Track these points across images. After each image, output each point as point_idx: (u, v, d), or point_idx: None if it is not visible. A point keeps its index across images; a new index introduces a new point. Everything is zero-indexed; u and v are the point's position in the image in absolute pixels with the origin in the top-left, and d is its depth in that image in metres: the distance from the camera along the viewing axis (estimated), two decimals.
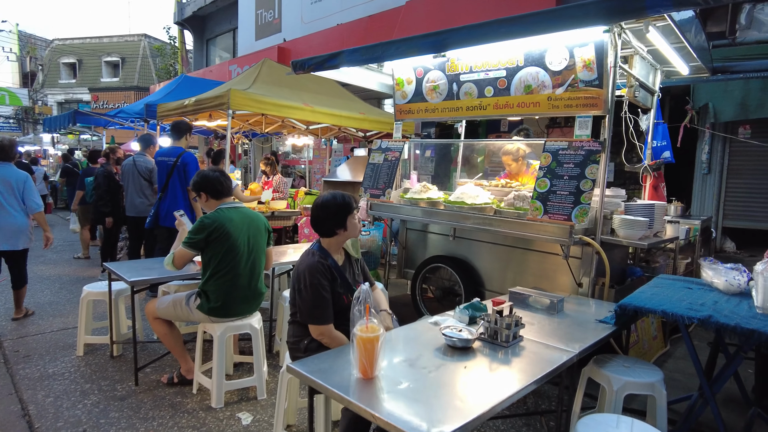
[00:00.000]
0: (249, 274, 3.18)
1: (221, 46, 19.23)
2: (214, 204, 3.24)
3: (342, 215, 2.50)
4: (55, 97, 30.60)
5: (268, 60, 7.10)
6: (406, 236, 4.85)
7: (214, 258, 3.07)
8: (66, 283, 6.16)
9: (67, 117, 8.74)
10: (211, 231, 3.04)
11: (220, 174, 3.30)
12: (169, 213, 5.19)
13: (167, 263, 3.11)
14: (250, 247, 3.20)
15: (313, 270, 2.41)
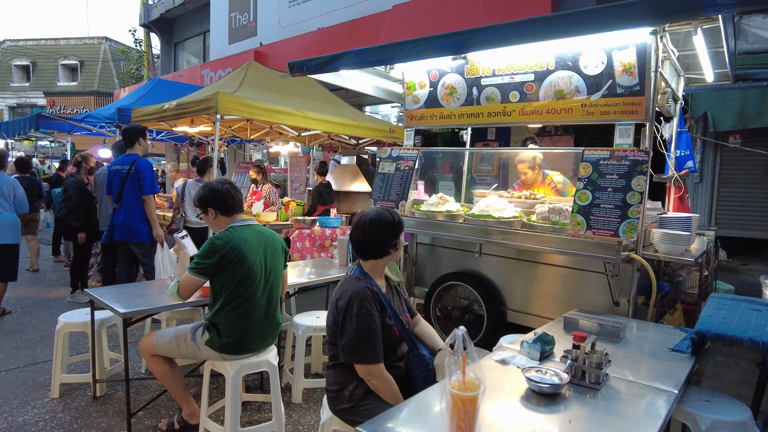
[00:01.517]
0: (266, 303, 2.76)
1: (190, 50, 18.51)
2: (224, 222, 2.80)
3: (396, 234, 2.21)
4: (6, 101, 28.91)
5: (254, 62, 6.66)
6: (416, 251, 4.51)
7: (227, 286, 2.63)
8: (29, 306, 5.51)
9: (28, 121, 8.00)
10: (223, 254, 2.61)
11: (231, 186, 2.87)
12: (124, 225, 4.66)
13: (171, 294, 2.66)
14: (267, 271, 2.78)
15: (362, 297, 2.05)
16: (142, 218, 4.61)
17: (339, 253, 4.17)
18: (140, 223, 4.61)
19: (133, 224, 4.59)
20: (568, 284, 3.66)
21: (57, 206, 5.96)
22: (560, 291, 3.71)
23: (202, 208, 2.79)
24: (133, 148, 4.73)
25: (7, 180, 5.21)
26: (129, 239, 4.63)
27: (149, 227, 4.65)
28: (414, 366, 2.24)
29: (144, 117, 6.30)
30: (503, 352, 2.23)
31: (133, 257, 4.81)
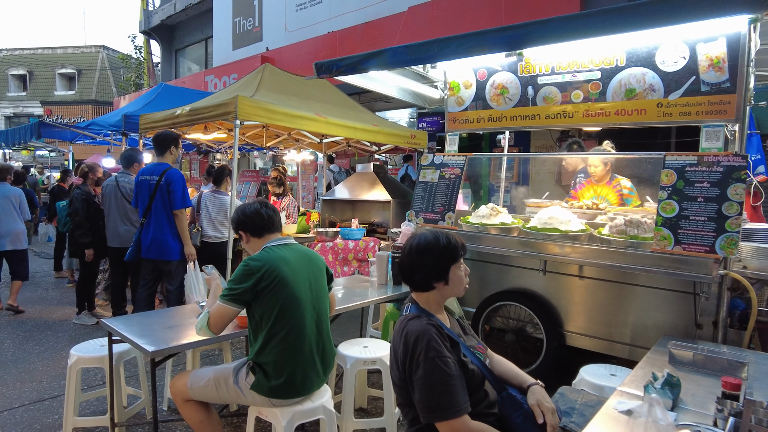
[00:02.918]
0: (316, 332, 2.37)
1: (192, 57, 18.17)
2: (258, 244, 2.44)
3: (445, 264, 1.85)
4: (3, 110, 28.47)
5: (270, 65, 6.29)
6: None
7: (268, 315, 2.24)
8: (31, 329, 5.07)
9: (29, 129, 7.58)
10: (260, 277, 2.22)
11: (261, 205, 2.51)
12: (154, 242, 4.30)
13: (200, 328, 2.27)
14: (313, 294, 2.39)
15: (428, 337, 1.70)
16: (173, 234, 4.23)
17: (378, 271, 3.77)
18: (171, 239, 4.25)
19: (163, 240, 4.22)
20: (639, 304, 3.27)
21: (62, 220, 5.54)
22: (629, 312, 3.32)
23: (235, 232, 2.55)
24: (163, 156, 4.36)
25: (12, 190, 5.71)
26: (158, 257, 4.25)
27: (180, 244, 4.26)
28: (507, 410, 1.85)
29: (153, 124, 5.90)
30: (624, 401, 1.83)
31: (158, 277, 4.42)
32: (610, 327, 3.44)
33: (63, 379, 3.76)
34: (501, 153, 5.04)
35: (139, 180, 4.44)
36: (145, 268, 4.49)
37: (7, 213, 5.50)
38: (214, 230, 4.77)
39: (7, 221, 5.49)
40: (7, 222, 5.49)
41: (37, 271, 7.78)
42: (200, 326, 2.27)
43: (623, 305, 3.35)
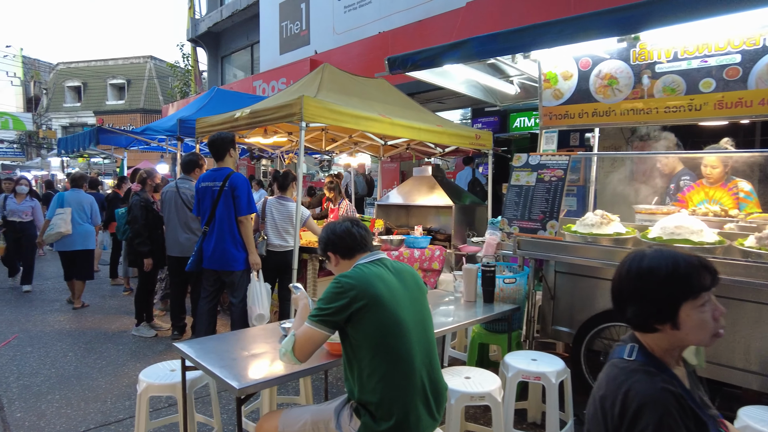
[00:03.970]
0: (427, 362, 2.00)
1: (237, 63, 18.30)
2: (348, 266, 2.11)
3: (671, 298, 1.29)
4: (59, 120, 29.69)
5: (329, 66, 5.98)
6: (556, 282, 3.65)
7: (367, 342, 1.88)
8: (92, 340, 4.92)
9: (88, 135, 7.60)
10: (354, 296, 1.88)
11: (351, 223, 2.17)
12: (217, 252, 4.04)
13: (284, 353, 1.94)
14: (417, 316, 2.03)
15: (665, 413, 1.18)
16: (238, 243, 3.98)
17: (465, 287, 3.37)
18: (235, 248, 3.99)
19: (226, 250, 3.97)
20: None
21: (121, 228, 5.41)
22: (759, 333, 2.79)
23: (322, 253, 2.21)
24: (223, 161, 4.11)
25: (86, 197, 6.36)
26: (221, 267, 4.01)
27: (245, 253, 4.00)
28: None
29: (210, 127, 5.69)
30: None
31: (220, 289, 4.17)
32: (745, 355, 2.92)
33: (127, 400, 3.54)
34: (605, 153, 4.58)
35: (200, 186, 4.20)
36: (206, 279, 4.25)
37: (80, 216, 6.13)
38: (279, 238, 4.48)
39: (79, 224, 6.12)
40: (79, 224, 6.11)
41: (94, 281, 7.75)
42: (284, 351, 1.95)
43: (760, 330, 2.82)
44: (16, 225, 6.95)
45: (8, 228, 6.98)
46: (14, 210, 6.92)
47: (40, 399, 3.59)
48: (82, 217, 6.19)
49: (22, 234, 6.95)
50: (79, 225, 6.12)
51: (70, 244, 6.05)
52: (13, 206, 6.94)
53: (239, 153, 9.34)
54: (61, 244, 6.06)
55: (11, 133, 29.99)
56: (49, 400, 3.56)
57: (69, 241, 6.04)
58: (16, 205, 6.96)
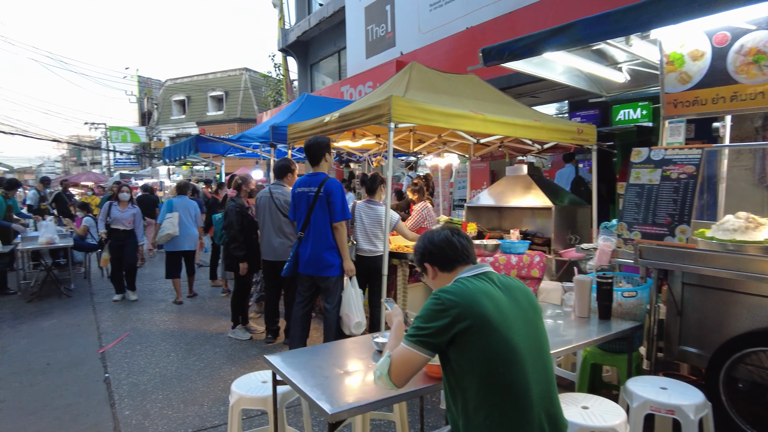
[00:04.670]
0: (546, 395, 1.70)
1: (325, 70, 18.75)
2: (447, 279, 1.86)
3: None
4: (167, 132, 32.39)
5: (417, 64, 5.78)
6: (683, 295, 3.14)
7: (473, 369, 1.62)
8: (192, 342, 5.12)
9: (187, 144, 8.10)
10: (457, 315, 1.62)
11: (451, 232, 1.92)
12: (312, 257, 3.99)
13: (379, 376, 1.74)
14: (532, 340, 1.73)
15: None
16: (333, 248, 3.93)
17: (578, 301, 2.99)
18: (330, 254, 3.94)
19: (322, 255, 3.94)
20: None
21: (218, 233, 5.62)
22: None
23: (418, 264, 1.97)
24: (318, 165, 4.09)
25: (190, 202, 7.09)
26: (316, 273, 3.99)
27: (340, 259, 3.95)
28: None
29: (301, 133, 5.73)
30: None
31: (314, 294, 4.14)
32: None
33: (222, 405, 3.57)
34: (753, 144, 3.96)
35: (296, 192, 4.20)
36: (301, 284, 4.22)
37: (187, 220, 6.81)
38: (368, 243, 4.35)
39: (187, 227, 6.79)
40: (187, 227, 6.79)
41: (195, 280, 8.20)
42: (379, 374, 1.74)
43: None
44: (120, 233, 6.84)
45: (112, 236, 6.85)
46: (118, 218, 6.82)
47: (146, 398, 3.73)
48: (188, 220, 6.85)
49: (125, 243, 6.88)
50: (185, 228, 6.78)
51: (179, 244, 6.75)
52: (117, 214, 6.83)
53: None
54: (170, 245, 6.73)
55: (129, 145, 33.31)
56: (152, 400, 3.69)
57: (177, 242, 6.71)
58: (120, 213, 6.85)
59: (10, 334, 5.47)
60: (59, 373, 4.31)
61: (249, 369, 4.27)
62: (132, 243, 6.98)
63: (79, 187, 19.86)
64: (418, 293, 5.08)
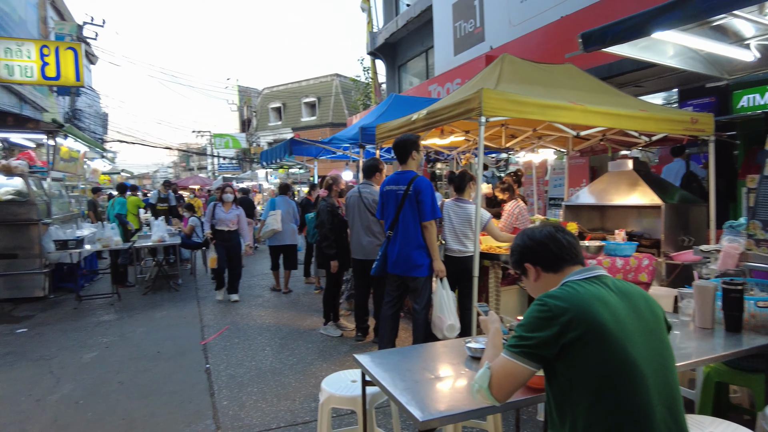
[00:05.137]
0: (670, 418, 1.47)
1: (413, 71, 18.77)
2: (553, 281, 1.67)
3: None
4: (265, 138, 34.32)
5: (509, 55, 5.53)
6: None
7: (585, 384, 1.43)
8: (286, 336, 5.29)
9: (282, 147, 8.50)
10: (566, 323, 1.44)
11: (554, 228, 1.73)
12: (401, 257, 3.93)
13: (479, 390, 1.59)
14: (656, 357, 1.50)
15: None
16: (422, 248, 3.87)
17: (699, 310, 2.62)
18: (419, 254, 3.89)
19: (410, 255, 3.90)
20: None
21: (311, 231, 5.79)
22: None
23: (516, 265, 1.78)
24: (406, 164, 4.06)
25: (290, 201, 7.85)
26: (404, 272, 3.95)
27: (429, 259, 3.87)
28: None
29: (389, 132, 5.71)
30: None
31: (403, 294, 4.10)
32: None
33: (313, 401, 3.62)
34: None
35: (384, 190, 4.17)
36: (390, 283, 4.19)
37: (288, 217, 7.49)
38: (458, 243, 4.20)
39: (287, 223, 7.46)
40: (287, 224, 7.45)
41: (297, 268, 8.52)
42: (478, 387, 1.60)
43: None
44: (225, 234, 6.90)
45: (217, 237, 6.92)
46: (222, 219, 6.88)
47: (242, 390, 3.89)
48: (289, 217, 7.52)
49: (229, 243, 6.94)
50: (287, 224, 7.47)
51: (281, 239, 7.51)
52: (221, 215, 6.90)
53: None
54: (273, 240, 7.55)
55: (231, 151, 35.82)
56: (248, 393, 3.84)
57: (280, 237, 7.48)
58: (224, 213, 6.91)
59: (129, 323, 6.03)
60: (168, 361, 4.65)
61: (339, 366, 4.31)
62: (236, 243, 7.02)
63: (187, 190, 21.64)
64: (511, 297, 4.83)
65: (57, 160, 8.81)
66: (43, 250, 7.07)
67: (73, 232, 7.52)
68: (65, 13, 21.85)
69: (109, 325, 5.97)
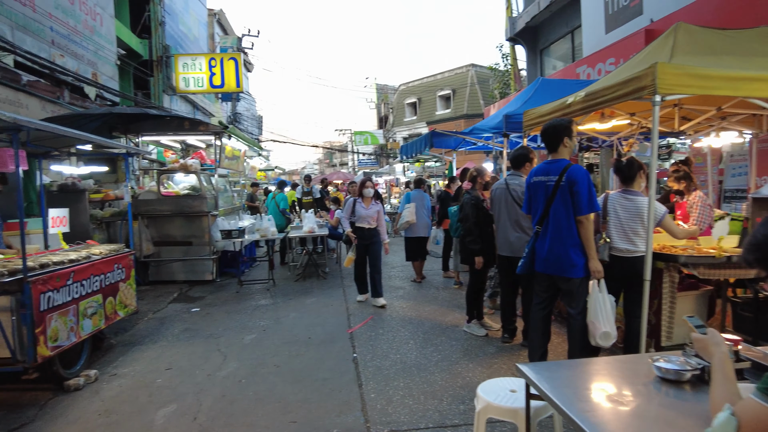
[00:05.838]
0: None
1: (556, 54, 17.53)
2: None
3: None
4: (401, 133, 35.01)
5: (683, 24, 4.74)
6: None
7: None
8: (428, 331, 5.22)
9: (423, 140, 8.49)
10: None
11: None
12: (551, 255, 3.58)
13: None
14: None
15: None
16: (576, 245, 3.49)
17: None
18: (573, 252, 3.52)
19: (562, 253, 3.54)
20: None
21: (453, 225, 5.63)
22: None
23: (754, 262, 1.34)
24: (557, 152, 3.69)
25: (424, 195, 8.07)
26: (556, 272, 3.61)
27: (585, 258, 3.48)
28: None
29: (539, 118, 5.29)
30: None
31: (554, 296, 3.75)
32: None
33: (462, 403, 3.46)
34: None
35: (531, 182, 3.83)
36: (539, 284, 3.85)
37: (421, 210, 7.69)
38: (626, 241, 3.69)
39: (421, 216, 7.68)
40: (421, 216, 7.68)
41: (428, 270, 8.47)
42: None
43: None
44: (365, 232, 6.35)
45: (357, 235, 6.41)
46: (363, 216, 6.34)
47: (389, 384, 3.88)
48: (423, 211, 7.71)
49: (370, 242, 6.39)
50: (421, 217, 7.69)
51: (415, 231, 7.73)
52: (362, 211, 6.35)
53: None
54: (408, 232, 7.78)
55: (370, 147, 37.27)
56: (395, 387, 3.82)
57: (414, 229, 7.70)
58: (365, 210, 6.35)
59: (283, 308, 6.48)
60: (318, 347, 4.86)
61: (487, 368, 4.10)
62: (377, 242, 6.44)
63: (331, 184, 23.03)
64: (688, 305, 4.18)
65: (223, 159, 9.86)
66: (211, 239, 7.96)
67: (235, 222, 8.35)
68: (228, 28, 24.52)
69: (265, 309, 6.48)
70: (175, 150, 12.57)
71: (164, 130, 9.28)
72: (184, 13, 18.40)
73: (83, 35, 10.80)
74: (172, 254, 8.10)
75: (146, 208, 8.02)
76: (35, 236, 4.94)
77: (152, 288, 7.79)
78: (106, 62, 12.09)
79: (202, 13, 21.14)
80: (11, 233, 4.67)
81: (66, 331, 3.96)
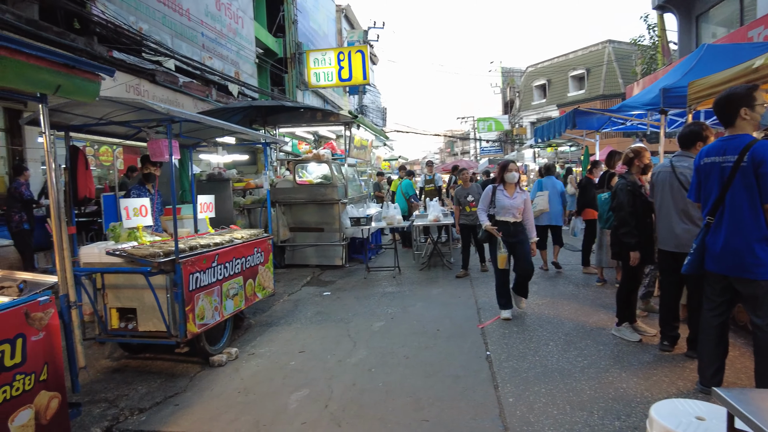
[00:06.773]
0: None
1: (717, 19, 15.11)
2: None
3: None
4: (528, 117, 33.30)
5: None
6: None
7: None
8: (570, 332, 4.71)
9: (564, 119, 7.79)
10: None
11: None
12: (727, 251, 2.96)
13: None
14: None
15: None
16: (763, 240, 2.83)
17: None
18: (760, 247, 2.87)
19: (743, 248, 2.90)
20: None
21: (603, 216, 5.00)
22: None
23: None
24: (734, 126, 3.03)
25: (557, 182, 7.81)
26: (733, 272, 2.98)
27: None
28: None
29: (711, 89, 4.47)
30: None
31: (731, 300, 3.10)
32: None
33: (616, 419, 3.01)
34: None
35: (701, 163, 3.19)
36: (711, 285, 3.21)
37: (554, 198, 7.51)
38: None
39: (553, 204, 7.50)
40: (553, 204, 7.50)
41: (564, 264, 7.80)
42: None
43: None
44: (509, 227, 5.09)
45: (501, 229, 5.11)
46: (506, 206, 5.04)
47: (528, 388, 3.53)
48: (555, 199, 7.52)
49: (516, 240, 5.12)
50: (553, 204, 7.49)
51: (548, 219, 7.53)
52: (505, 201, 5.06)
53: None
54: (540, 220, 7.36)
55: (493, 134, 36.03)
56: (535, 392, 3.45)
57: (547, 216, 7.50)
58: (508, 199, 5.06)
59: (409, 297, 6.38)
60: (447, 341, 4.64)
61: (644, 379, 3.55)
62: (524, 240, 5.14)
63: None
64: None
65: (351, 148, 10.06)
66: (341, 226, 8.16)
67: (363, 210, 8.46)
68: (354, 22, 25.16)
69: (392, 296, 6.44)
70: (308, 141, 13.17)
71: (298, 121, 9.74)
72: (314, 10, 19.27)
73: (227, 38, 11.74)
74: (305, 239, 8.50)
75: (283, 195, 8.46)
76: (187, 221, 5.38)
77: (288, 271, 8.23)
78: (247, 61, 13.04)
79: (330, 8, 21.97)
80: (167, 218, 5.14)
81: (211, 310, 4.23)
